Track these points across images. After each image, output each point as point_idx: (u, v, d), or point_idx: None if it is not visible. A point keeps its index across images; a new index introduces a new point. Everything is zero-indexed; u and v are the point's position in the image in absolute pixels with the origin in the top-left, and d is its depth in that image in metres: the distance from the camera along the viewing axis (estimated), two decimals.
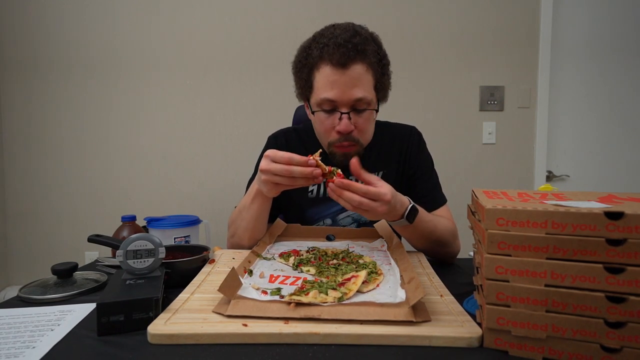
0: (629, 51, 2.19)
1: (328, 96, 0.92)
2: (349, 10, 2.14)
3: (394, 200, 0.77)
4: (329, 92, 0.91)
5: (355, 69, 0.91)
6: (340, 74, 0.90)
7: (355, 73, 0.91)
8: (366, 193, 0.73)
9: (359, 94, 0.91)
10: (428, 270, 0.80)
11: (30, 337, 0.55)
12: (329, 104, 0.93)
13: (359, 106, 0.93)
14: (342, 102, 0.92)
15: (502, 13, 2.16)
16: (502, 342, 0.51)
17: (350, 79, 0.90)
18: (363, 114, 0.95)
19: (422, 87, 2.18)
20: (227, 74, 2.15)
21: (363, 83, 0.92)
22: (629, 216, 0.45)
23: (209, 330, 0.53)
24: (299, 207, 1.10)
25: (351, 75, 0.90)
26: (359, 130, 0.96)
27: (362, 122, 0.95)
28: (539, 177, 2.20)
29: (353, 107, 0.93)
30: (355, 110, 0.94)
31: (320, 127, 0.98)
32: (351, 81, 0.90)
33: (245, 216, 0.93)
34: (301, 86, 1.00)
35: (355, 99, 0.91)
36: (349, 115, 0.93)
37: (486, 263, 0.50)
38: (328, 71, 0.91)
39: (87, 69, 2.12)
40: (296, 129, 1.15)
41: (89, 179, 2.15)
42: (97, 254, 2.03)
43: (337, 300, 0.59)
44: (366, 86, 0.93)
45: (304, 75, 0.97)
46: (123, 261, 0.65)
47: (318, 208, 1.09)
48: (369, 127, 1.00)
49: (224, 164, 2.18)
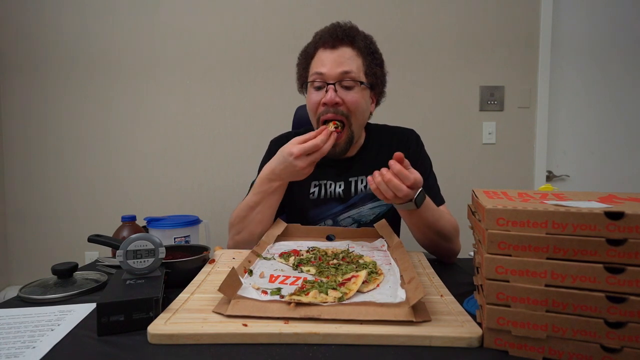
0: (629, 51, 2.19)
1: (318, 70, 1.00)
2: (349, 11, 2.14)
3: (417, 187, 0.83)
4: (319, 67, 1.00)
5: (344, 50, 1.00)
6: (329, 53, 1.00)
7: (345, 53, 1.00)
8: (399, 172, 0.80)
9: (346, 68, 0.98)
10: (428, 270, 0.80)
11: (31, 337, 0.55)
12: (318, 78, 1.00)
13: (345, 80, 0.99)
14: (329, 75, 0.99)
15: (502, 13, 2.16)
16: (502, 342, 0.51)
17: (338, 56, 0.99)
18: (351, 91, 0.99)
19: (422, 87, 2.18)
20: (227, 74, 2.15)
21: (351, 62, 0.99)
22: (629, 216, 0.45)
23: (209, 330, 0.53)
24: (301, 209, 1.11)
25: (340, 54, 1.00)
26: (348, 106, 0.99)
27: (350, 98, 0.99)
28: (539, 177, 2.20)
29: (340, 81, 0.99)
30: (342, 85, 0.99)
31: (310, 104, 1.04)
32: (339, 58, 0.99)
33: (262, 210, 0.98)
34: (300, 75, 1.09)
35: (341, 72, 0.98)
36: (335, 87, 0.98)
37: (486, 263, 0.50)
38: (320, 53, 1.02)
39: (87, 69, 2.12)
40: (297, 132, 1.17)
41: (89, 179, 2.15)
42: (97, 254, 2.03)
43: (337, 300, 0.59)
44: (354, 66, 1.00)
45: (303, 65, 1.07)
46: (123, 261, 0.65)
47: (319, 209, 1.10)
48: (360, 105, 1.01)
49: (224, 164, 2.18)
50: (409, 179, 0.79)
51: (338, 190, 1.09)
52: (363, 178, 1.09)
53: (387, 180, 0.79)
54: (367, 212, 1.09)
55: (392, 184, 0.79)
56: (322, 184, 1.10)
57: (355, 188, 1.09)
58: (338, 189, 1.09)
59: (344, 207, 1.09)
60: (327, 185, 1.10)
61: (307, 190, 1.10)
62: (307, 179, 1.04)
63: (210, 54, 2.14)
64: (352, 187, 1.09)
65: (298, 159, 0.90)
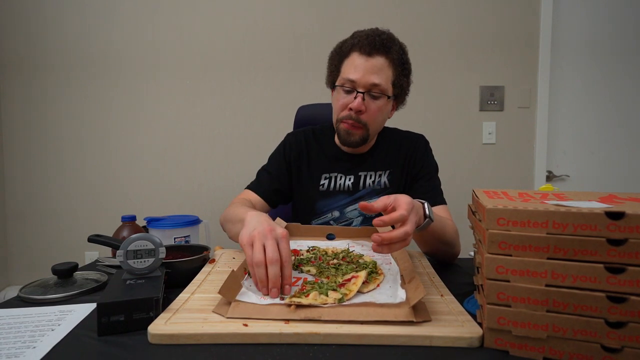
0: (629, 51, 2.19)
1: (350, 77, 1.03)
2: (349, 12, 2.14)
3: (412, 207, 0.70)
4: (352, 73, 1.03)
5: (378, 59, 1.02)
6: (364, 60, 1.02)
7: (378, 63, 1.02)
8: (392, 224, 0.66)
9: (376, 80, 1.02)
10: (428, 269, 0.80)
11: (31, 337, 0.55)
12: (349, 84, 1.04)
13: (374, 91, 1.03)
14: (360, 83, 1.02)
15: (502, 13, 2.16)
16: (503, 342, 0.51)
17: (372, 66, 1.02)
18: (376, 100, 1.04)
19: (422, 87, 2.17)
20: (227, 74, 2.15)
21: (382, 73, 1.03)
22: (629, 216, 0.45)
23: (210, 330, 0.53)
24: (309, 199, 1.14)
25: (373, 64, 1.02)
26: (368, 115, 1.05)
27: (374, 108, 1.04)
28: (539, 177, 2.20)
29: (369, 91, 1.03)
30: (370, 94, 1.03)
31: (336, 104, 1.08)
32: (372, 68, 1.02)
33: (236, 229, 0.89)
34: (331, 71, 1.11)
35: (372, 83, 1.02)
36: (364, 96, 1.03)
37: (487, 263, 0.50)
38: (355, 57, 1.04)
39: (87, 68, 2.12)
40: (314, 129, 1.23)
41: (89, 179, 2.15)
42: (97, 254, 2.03)
43: (337, 301, 0.59)
44: (384, 77, 1.03)
45: (335, 62, 1.10)
46: (123, 261, 0.65)
47: (327, 200, 1.13)
48: (379, 116, 1.07)
49: (224, 164, 2.18)
50: (395, 219, 0.65)
51: (347, 183, 1.13)
52: (372, 174, 1.14)
53: (388, 239, 0.65)
54: None
55: (394, 238, 0.65)
56: (332, 177, 1.14)
57: (364, 182, 1.13)
58: (347, 182, 1.13)
59: (352, 199, 1.13)
60: (337, 177, 1.14)
61: (317, 182, 1.14)
62: (317, 172, 1.13)
63: (210, 54, 2.14)
64: (361, 181, 1.13)
65: (250, 247, 0.66)
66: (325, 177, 1.14)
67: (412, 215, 0.68)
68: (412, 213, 0.67)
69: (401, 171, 1.14)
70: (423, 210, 0.76)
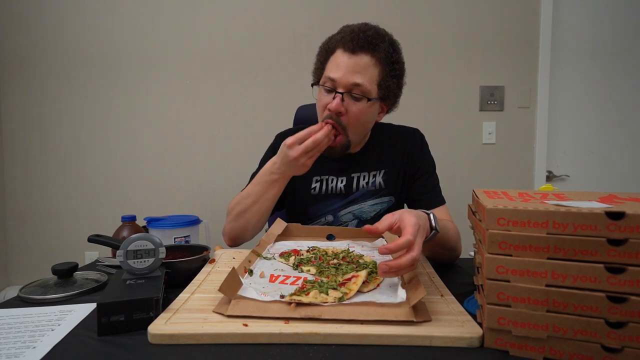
0: (629, 51, 2.19)
1: (331, 75, 0.96)
2: (349, 11, 2.14)
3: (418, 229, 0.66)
4: (333, 72, 0.97)
5: (362, 57, 0.95)
6: (347, 58, 0.96)
7: (362, 61, 0.95)
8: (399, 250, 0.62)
9: (358, 80, 0.95)
10: (428, 269, 0.80)
11: (31, 337, 0.55)
12: (330, 83, 0.97)
13: (355, 92, 0.96)
14: (341, 83, 0.95)
15: (502, 13, 2.16)
16: (503, 342, 0.51)
17: (354, 64, 0.95)
18: (358, 102, 0.96)
19: (422, 87, 2.18)
20: (227, 74, 2.15)
21: (366, 73, 0.96)
22: (630, 216, 0.45)
23: (210, 330, 0.53)
24: (302, 204, 1.11)
25: (357, 62, 0.95)
26: (349, 117, 0.97)
27: (354, 110, 0.97)
28: (539, 177, 2.20)
29: (349, 91, 0.96)
30: (351, 95, 0.96)
31: (318, 104, 1.03)
32: (355, 67, 0.95)
33: (260, 200, 0.98)
34: (317, 67, 1.06)
35: (353, 83, 0.95)
36: (343, 97, 0.95)
37: (487, 263, 0.50)
38: (339, 54, 0.98)
39: (87, 68, 2.12)
40: (302, 128, 1.16)
41: (88, 179, 2.15)
42: (97, 254, 2.03)
43: (337, 300, 0.59)
44: (368, 77, 0.96)
45: (321, 58, 1.04)
46: (123, 261, 0.65)
47: (320, 204, 1.10)
48: (362, 119, 0.99)
49: (224, 164, 2.18)
50: (401, 245, 0.61)
51: (340, 186, 1.09)
52: (365, 174, 1.10)
53: (396, 267, 0.61)
54: (368, 208, 1.09)
55: (402, 265, 0.61)
56: (324, 179, 1.11)
57: (357, 184, 1.09)
58: (340, 185, 1.09)
59: (345, 202, 1.10)
60: (329, 180, 1.10)
61: (308, 186, 1.10)
62: (308, 174, 1.04)
63: (210, 54, 2.14)
64: (354, 183, 1.09)
65: (291, 148, 0.89)
66: (316, 180, 1.10)
67: (419, 238, 0.63)
68: (418, 235, 0.63)
69: (398, 170, 1.10)
70: (429, 221, 0.73)
